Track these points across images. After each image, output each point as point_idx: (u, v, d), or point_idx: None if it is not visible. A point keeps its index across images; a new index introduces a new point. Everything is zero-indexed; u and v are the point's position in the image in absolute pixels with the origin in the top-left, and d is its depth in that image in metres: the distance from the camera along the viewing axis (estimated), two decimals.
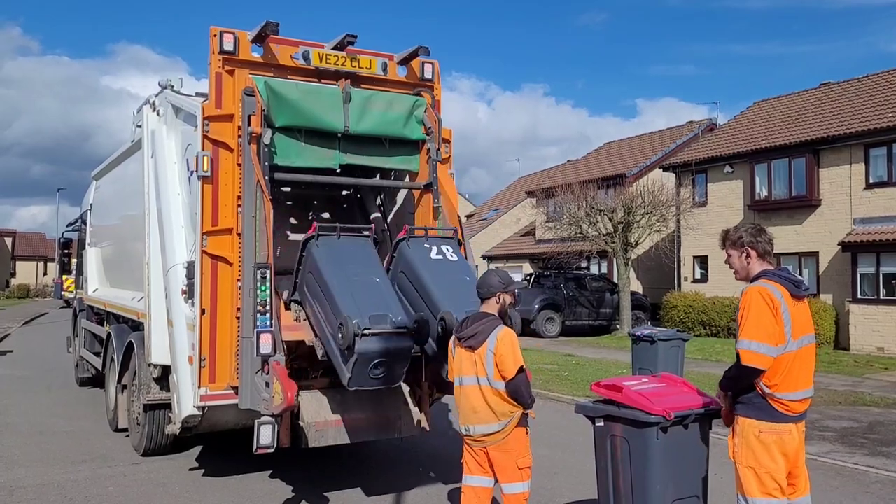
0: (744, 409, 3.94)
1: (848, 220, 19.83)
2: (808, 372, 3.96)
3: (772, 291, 3.84)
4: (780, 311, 3.81)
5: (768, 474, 3.84)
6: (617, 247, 22.40)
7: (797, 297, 3.93)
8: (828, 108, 22.55)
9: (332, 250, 5.61)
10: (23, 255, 65.41)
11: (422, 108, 6.75)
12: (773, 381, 3.83)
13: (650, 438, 4.22)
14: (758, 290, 3.87)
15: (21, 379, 13.49)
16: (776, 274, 3.97)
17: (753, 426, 3.88)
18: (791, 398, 3.85)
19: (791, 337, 3.82)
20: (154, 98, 7.61)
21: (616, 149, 35.21)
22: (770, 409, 3.85)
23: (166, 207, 6.92)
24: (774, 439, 3.84)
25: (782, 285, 3.89)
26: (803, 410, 3.95)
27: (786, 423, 3.86)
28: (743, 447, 3.90)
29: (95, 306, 10.93)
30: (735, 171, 23.23)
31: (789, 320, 3.82)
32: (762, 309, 3.80)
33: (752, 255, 4.08)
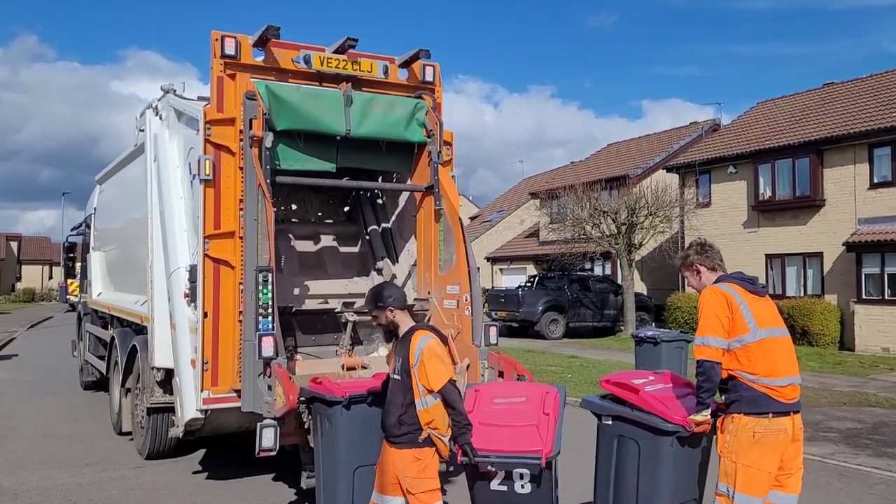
0: (738, 407, 4.03)
1: (852, 220, 19.78)
2: (789, 361, 4.12)
3: (725, 289, 4.15)
4: (735, 305, 4.08)
5: (757, 473, 3.95)
6: (620, 248, 22.37)
7: (756, 293, 4.20)
8: (831, 108, 22.50)
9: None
10: (28, 258, 65.61)
11: (423, 111, 6.76)
12: (755, 369, 4.01)
13: (665, 445, 4.23)
14: (710, 290, 4.21)
15: (26, 383, 13.54)
16: (730, 277, 4.30)
17: (749, 426, 3.97)
18: (778, 384, 4.00)
19: (756, 326, 4.04)
20: (157, 102, 7.64)
21: (619, 150, 35.18)
22: (764, 399, 3.98)
23: (169, 211, 6.95)
24: (771, 441, 3.95)
25: (737, 285, 4.19)
26: (795, 399, 4.08)
27: (780, 418, 3.97)
28: (735, 444, 4.00)
29: (99, 310, 10.97)
30: (739, 171, 23.19)
31: (749, 311, 4.07)
32: (714, 306, 4.10)
33: (702, 271, 4.43)
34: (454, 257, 6.52)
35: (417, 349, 4.21)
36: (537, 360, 16.47)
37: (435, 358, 4.20)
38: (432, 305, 6.83)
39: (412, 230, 7.36)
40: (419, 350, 4.20)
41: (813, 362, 16.75)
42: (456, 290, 6.46)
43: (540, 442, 4.30)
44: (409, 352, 4.25)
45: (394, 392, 4.35)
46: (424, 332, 4.36)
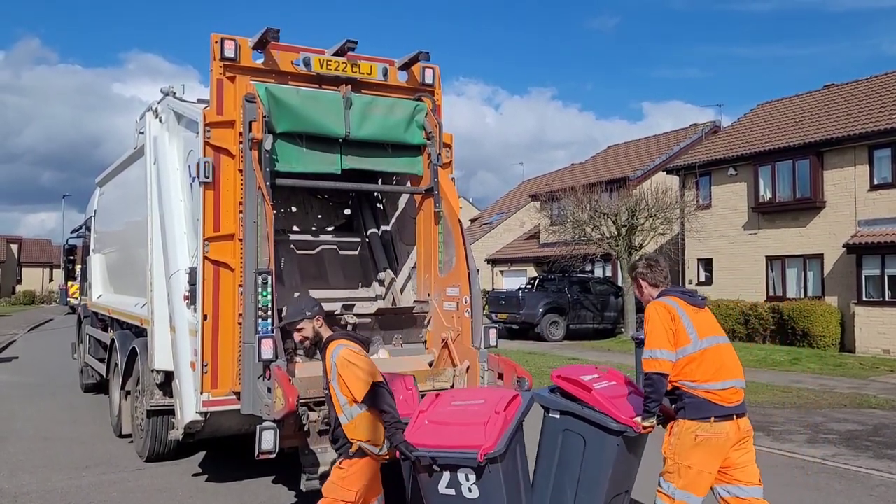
0: (683, 413, 4.29)
1: (852, 221, 19.78)
2: (730, 366, 4.34)
3: (667, 303, 4.38)
4: (678, 317, 4.31)
5: (698, 474, 4.21)
6: (621, 250, 22.37)
7: (696, 305, 4.44)
8: (832, 110, 22.52)
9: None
10: (29, 261, 65.66)
11: (422, 113, 6.76)
12: (694, 376, 4.25)
13: (611, 443, 4.53)
14: (654, 305, 4.43)
15: (26, 385, 13.54)
16: (671, 290, 4.54)
17: (691, 429, 4.22)
18: (717, 388, 4.23)
19: (697, 337, 4.29)
20: (156, 105, 7.64)
21: (620, 152, 35.20)
22: (705, 405, 4.22)
23: (168, 213, 6.95)
24: (712, 444, 4.20)
25: (678, 297, 4.43)
26: (737, 402, 4.28)
27: (722, 423, 4.20)
28: (678, 446, 4.27)
29: (100, 312, 10.97)
30: (739, 173, 23.20)
31: (690, 323, 4.31)
32: (658, 320, 4.31)
33: (643, 286, 4.68)
34: (454, 259, 6.52)
35: (332, 361, 4.08)
36: (538, 363, 16.46)
37: (350, 367, 4.03)
38: (432, 307, 6.83)
39: (412, 233, 7.36)
40: (333, 361, 4.07)
41: (813, 364, 16.75)
42: (456, 293, 6.46)
43: (482, 438, 4.12)
44: (325, 364, 4.14)
45: (329, 407, 4.28)
46: (338, 342, 4.19)
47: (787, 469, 7.70)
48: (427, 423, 4.36)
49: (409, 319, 6.92)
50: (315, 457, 5.63)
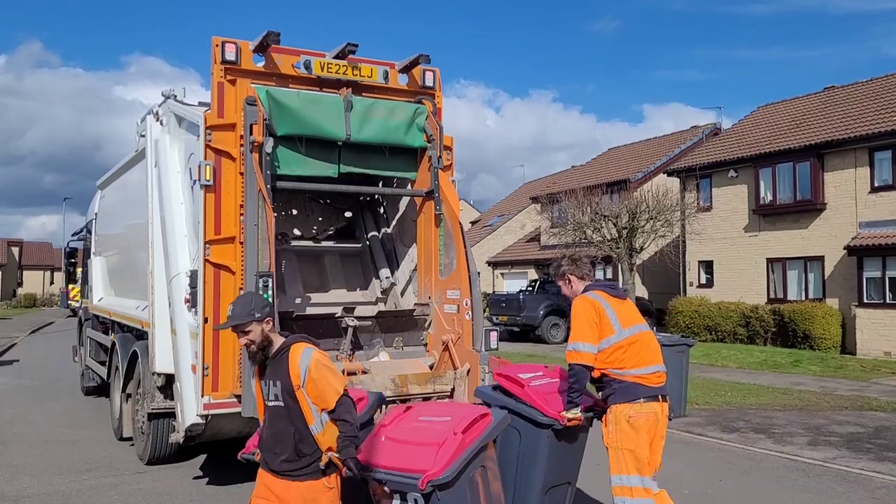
0: (614, 398, 4.55)
1: (853, 223, 19.77)
2: (652, 353, 4.65)
3: (592, 297, 4.64)
4: (602, 310, 4.58)
5: (641, 453, 4.48)
6: (621, 252, 22.36)
7: (618, 297, 4.75)
8: (832, 112, 22.52)
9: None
10: (30, 264, 65.73)
11: (423, 116, 6.77)
12: (622, 363, 4.53)
13: (542, 436, 4.73)
14: (580, 300, 4.68)
15: (27, 388, 13.54)
16: (595, 285, 4.81)
17: (624, 412, 4.49)
18: (643, 372, 4.54)
19: (621, 327, 4.57)
20: (157, 108, 7.65)
21: (620, 154, 35.21)
22: (633, 387, 4.51)
23: (169, 216, 6.95)
24: (643, 422, 4.48)
25: (602, 291, 4.71)
26: (661, 384, 4.60)
27: (650, 402, 4.50)
28: (616, 433, 4.51)
29: (100, 315, 10.97)
30: (740, 175, 23.21)
31: (614, 314, 4.59)
32: (583, 314, 4.57)
33: (573, 280, 4.88)
34: (454, 262, 6.53)
35: (302, 365, 3.64)
36: None
37: (325, 370, 3.67)
38: (433, 310, 6.83)
39: (413, 235, 7.36)
40: (304, 366, 3.64)
41: (814, 366, 16.73)
42: (456, 295, 6.47)
43: (431, 462, 3.74)
44: (288, 370, 3.65)
45: (277, 421, 3.73)
46: (304, 345, 3.76)
47: (789, 472, 7.70)
48: (384, 439, 4.04)
49: (410, 322, 6.93)
50: None
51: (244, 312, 3.69)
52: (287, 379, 3.66)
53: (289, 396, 3.66)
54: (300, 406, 3.65)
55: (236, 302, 3.81)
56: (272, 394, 3.72)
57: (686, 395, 10.64)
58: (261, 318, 3.70)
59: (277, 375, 3.70)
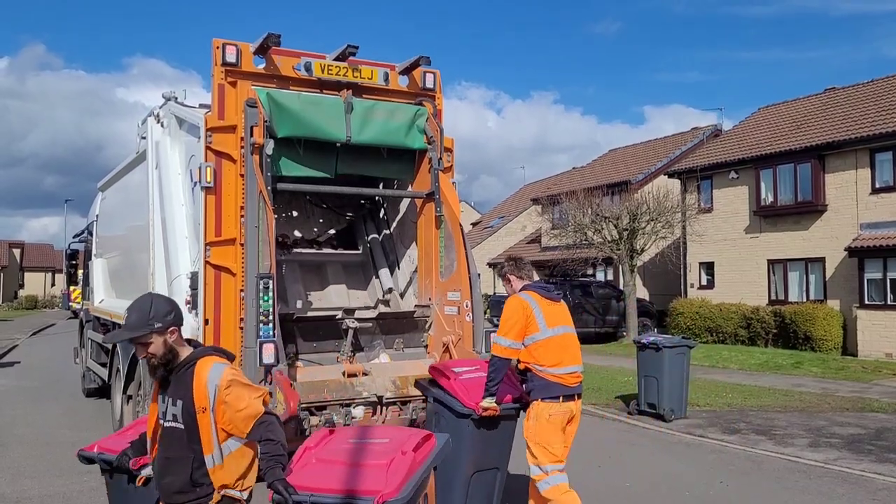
0: (535, 394, 4.97)
1: (854, 225, 19.77)
2: (572, 353, 5.08)
3: (523, 298, 5.11)
4: (531, 310, 5.01)
5: (556, 448, 4.92)
6: (622, 254, 22.37)
7: (550, 299, 5.17)
8: (833, 113, 22.52)
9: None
10: (31, 266, 65.73)
11: (423, 118, 6.77)
12: (542, 361, 4.96)
13: (463, 425, 5.08)
14: (512, 299, 5.17)
15: (28, 390, 13.55)
16: (530, 286, 5.27)
17: (544, 410, 4.92)
18: (560, 372, 4.97)
19: (546, 326, 5.00)
20: (158, 110, 7.65)
21: (621, 155, 35.20)
22: (550, 385, 4.94)
23: (170, 218, 6.95)
24: (558, 419, 4.94)
25: (534, 292, 5.16)
26: (576, 383, 5.05)
27: (567, 403, 4.96)
28: (536, 427, 4.95)
29: (101, 317, 10.97)
30: (740, 176, 23.20)
31: (541, 315, 5.02)
32: (512, 312, 5.02)
33: (513, 280, 5.37)
34: (455, 264, 6.53)
35: (211, 383, 3.09)
36: None
37: (239, 389, 3.14)
38: (433, 312, 6.83)
39: (413, 237, 7.36)
40: (214, 384, 3.09)
41: (815, 368, 16.73)
42: (457, 297, 6.46)
43: (382, 483, 3.41)
44: (192, 388, 3.11)
45: (172, 445, 3.19)
46: (214, 359, 3.21)
47: (789, 473, 7.70)
48: (315, 461, 3.68)
49: (411, 324, 6.93)
50: None
51: (141, 322, 3.09)
52: (190, 398, 3.11)
53: (190, 418, 3.11)
54: (200, 431, 3.12)
55: (132, 308, 3.17)
56: (170, 413, 3.16)
57: (687, 396, 10.64)
58: (162, 329, 3.11)
59: (179, 393, 3.14)
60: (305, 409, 5.61)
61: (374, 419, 5.98)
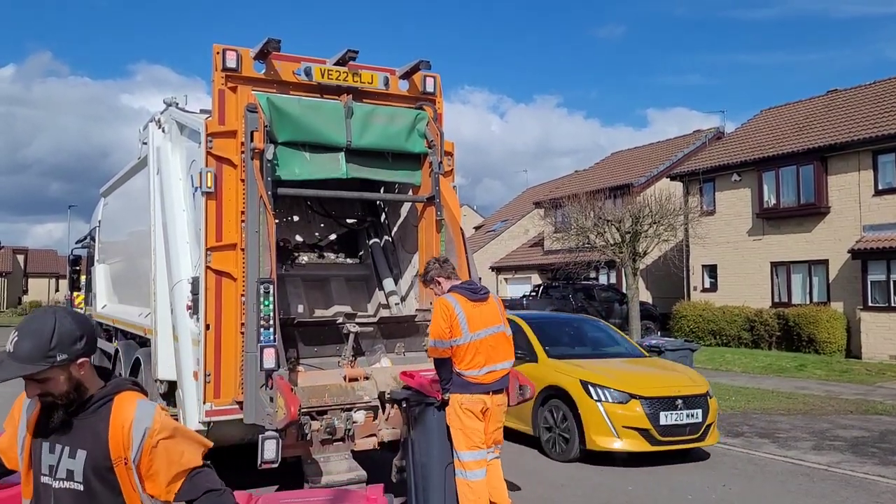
0: (452, 389, 5.26)
1: (857, 227, 19.74)
2: (492, 353, 5.31)
3: (448, 300, 5.30)
4: (454, 313, 5.22)
5: (470, 432, 5.18)
6: (625, 257, 22.33)
7: (477, 300, 5.38)
8: (835, 115, 22.50)
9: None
10: (35, 272, 65.87)
11: (424, 122, 6.77)
12: (461, 365, 5.23)
13: (431, 414, 5.41)
14: (437, 302, 5.37)
15: None
16: (457, 287, 5.45)
17: (457, 400, 5.22)
18: (476, 374, 5.24)
19: (468, 330, 5.22)
20: (160, 115, 7.67)
21: (623, 158, 35.20)
22: (466, 384, 5.22)
23: (171, 223, 6.96)
24: (470, 407, 5.20)
25: (460, 294, 5.35)
26: (492, 381, 5.30)
27: (479, 395, 5.22)
28: (452, 415, 5.25)
29: (104, 322, 10.98)
30: (743, 179, 23.19)
31: (464, 319, 5.23)
32: (440, 315, 5.24)
33: (442, 282, 5.53)
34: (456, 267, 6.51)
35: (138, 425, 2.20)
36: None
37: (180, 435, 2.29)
38: None
39: (415, 241, 7.36)
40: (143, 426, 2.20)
41: (819, 370, 16.69)
42: None
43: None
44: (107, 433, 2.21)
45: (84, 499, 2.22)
46: (137, 396, 2.31)
47: (793, 476, 7.67)
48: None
49: (412, 328, 6.92)
50: (318, 466, 5.64)
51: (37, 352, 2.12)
52: (102, 447, 2.20)
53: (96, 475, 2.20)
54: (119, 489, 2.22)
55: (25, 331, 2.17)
56: (63, 468, 2.21)
57: None
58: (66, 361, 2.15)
59: (82, 441, 2.21)
60: (307, 414, 5.61)
61: (375, 423, 5.98)
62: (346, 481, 5.62)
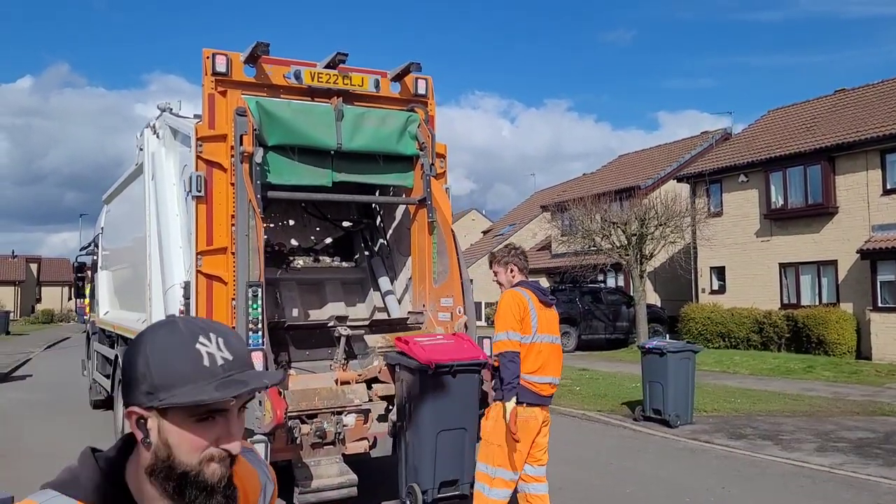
0: (507, 395, 4.67)
1: (866, 226, 19.55)
2: (554, 364, 4.92)
3: (521, 293, 4.87)
4: (528, 308, 4.80)
5: (516, 452, 4.75)
6: (631, 259, 22.23)
7: (545, 303, 4.97)
8: (843, 115, 22.32)
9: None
10: (48, 280, 66.33)
11: (415, 124, 6.76)
12: (524, 368, 4.74)
13: (418, 379, 5.39)
14: (509, 294, 4.90)
15: (37, 403, 13.62)
16: (528, 284, 5.05)
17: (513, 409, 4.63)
18: (538, 381, 4.80)
19: (537, 331, 4.81)
20: (154, 121, 7.70)
21: (631, 161, 35.07)
22: (526, 391, 4.72)
23: (165, 229, 6.97)
24: (523, 425, 4.71)
25: (533, 292, 4.93)
26: (549, 394, 4.91)
27: (533, 408, 4.77)
28: (497, 428, 4.77)
29: (106, 329, 11.02)
30: (750, 180, 23.04)
31: (536, 318, 4.82)
32: (509, 307, 4.79)
33: (515, 271, 5.09)
34: (448, 270, 6.50)
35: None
36: None
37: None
38: (427, 318, 6.80)
39: (409, 244, 7.34)
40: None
41: (828, 372, 16.52)
42: (450, 303, 6.43)
43: None
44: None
45: None
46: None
47: (794, 478, 7.58)
48: None
49: (404, 330, 6.89)
50: (308, 470, 5.61)
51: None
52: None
53: None
54: None
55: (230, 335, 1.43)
56: None
57: (693, 401, 10.52)
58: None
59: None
60: (296, 418, 5.59)
61: (366, 427, 5.95)
62: (337, 485, 5.59)
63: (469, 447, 5.51)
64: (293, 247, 7.99)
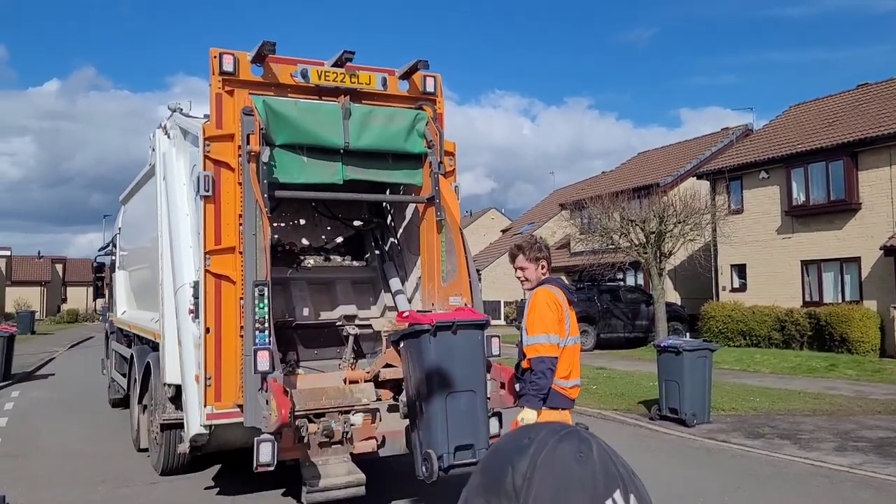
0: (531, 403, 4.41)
1: (890, 223, 19.20)
2: (578, 365, 4.71)
3: (554, 292, 4.59)
4: (563, 308, 4.55)
5: None
6: (650, 257, 22.02)
7: (571, 301, 4.70)
8: (866, 110, 21.94)
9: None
10: (73, 280, 67.15)
11: (423, 122, 6.73)
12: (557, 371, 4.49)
13: (424, 342, 5.29)
14: (542, 293, 4.58)
15: (57, 402, 13.80)
16: (555, 281, 4.78)
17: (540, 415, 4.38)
18: (567, 384, 4.58)
19: (569, 333, 4.58)
20: (165, 121, 7.75)
21: (650, 158, 34.79)
22: (556, 396, 4.48)
23: (176, 228, 7.02)
24: None
25: (562, 291, 4.66)
26: (574, 397, 4.71)
27: (563, 412, 4.53)
28: None
29: (123, 328, 11.13)
30: (771, 176, 22.73)
31: (568, 320, 4.57)
32: (546, 306, 4.50)
33: (545, 267, 4.79)
34: (456, 268, 6.46)
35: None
36: None
37: None
38: None
39: (419, 243, 7.32)
40: None
41: (851, 370, 16.25)
42: (458, 301, 6.39)
43: None
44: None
45: None
46: None
47: (812, 478, 7.45)
48: None
49: None
50: (316, 469, 5.60)
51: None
52: None
53: None
54: None
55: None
56: None
57: (710, 400, 10.38)
58: None
59: None
60: (304, 417, 5.58)
61: (374, 426, 5.93)
62: (345, 484, 5.58)
63: (481, 410, 5.37)
64: (304, 246, 8.00)
